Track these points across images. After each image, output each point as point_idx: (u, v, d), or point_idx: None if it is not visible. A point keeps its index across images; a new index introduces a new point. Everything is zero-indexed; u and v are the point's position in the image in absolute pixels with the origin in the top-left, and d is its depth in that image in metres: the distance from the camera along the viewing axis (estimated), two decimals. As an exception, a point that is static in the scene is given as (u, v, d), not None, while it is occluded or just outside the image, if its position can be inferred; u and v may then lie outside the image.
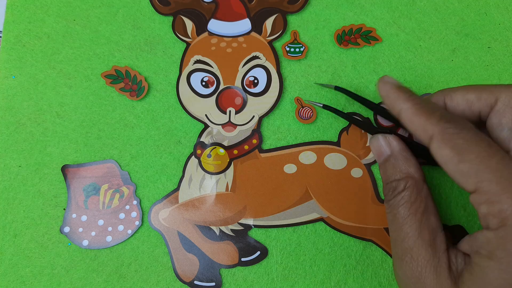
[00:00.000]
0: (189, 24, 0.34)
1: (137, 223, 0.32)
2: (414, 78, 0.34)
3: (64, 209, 0.32)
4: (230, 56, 0.33)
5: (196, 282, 0.31)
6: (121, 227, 0.32)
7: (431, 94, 0.29)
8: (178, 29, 0.34)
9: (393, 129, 0.32)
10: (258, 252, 0.32)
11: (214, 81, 0.33)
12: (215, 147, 0.33)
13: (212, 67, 0.33)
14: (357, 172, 0.32)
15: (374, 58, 0.34)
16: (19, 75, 0.34)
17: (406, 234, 0.25)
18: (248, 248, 0.32)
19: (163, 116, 0.33)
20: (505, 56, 0.34)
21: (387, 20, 0.34)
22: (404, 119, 0.26)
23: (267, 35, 0.34)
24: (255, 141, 0.33)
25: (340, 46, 0.34)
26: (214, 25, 0.34)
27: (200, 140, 0.33)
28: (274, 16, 0.34)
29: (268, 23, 0.34)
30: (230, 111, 0.33)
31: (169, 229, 0.32)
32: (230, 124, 0.33)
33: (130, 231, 0.32)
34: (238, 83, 0.33)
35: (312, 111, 0.33)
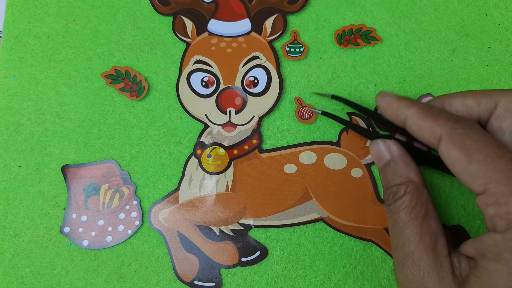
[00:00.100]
0: (189, 24, 0.34)
1: (137, 223, 0.32)
2: (414, 78, 0.34)
3: (64, 209, 0.32)
4: (230, 56, 0.33)
5: (196, 282, 0.31)
6: (121, 227, 0.32)
7: (429, 100, 0.29)
8: (178, 29, 0.34)
9: (390, 134, 0.32)
10: (258, 252, 0.32)
11: (214, 81, 0.33)
12: (215, 147, 0.33)
13: (212, 67, 0.33)
14: (357, 172, 0.32)
15: (374, 58, 0.34)
16: (19, 75, 0.34)
17: (407, 239, 0.25)
18: (248, 248, 0.32)
19: (163, 116, 0.33)
20: (505, 56, 0.34)
21: (387, 20, 0.34)
22: (410, 124, 0.26)
23: (267, 35, 0.34)
24: (255, 141, 0.33)
25: (340, 46, 0.34)
26: (214, 25, 0.34)
27: (200, 140, 0.33)
28: (274, 16, 0.34)
29: (268, 23, 0.34)
30: (230, 111, 0.33)
31: (169, 229, 0.32)
32: (230, 124, 0.33)
33: (130, 231, 0.32)
34: (238, 83, 0.33)
35: (312, 111, 0.33)
